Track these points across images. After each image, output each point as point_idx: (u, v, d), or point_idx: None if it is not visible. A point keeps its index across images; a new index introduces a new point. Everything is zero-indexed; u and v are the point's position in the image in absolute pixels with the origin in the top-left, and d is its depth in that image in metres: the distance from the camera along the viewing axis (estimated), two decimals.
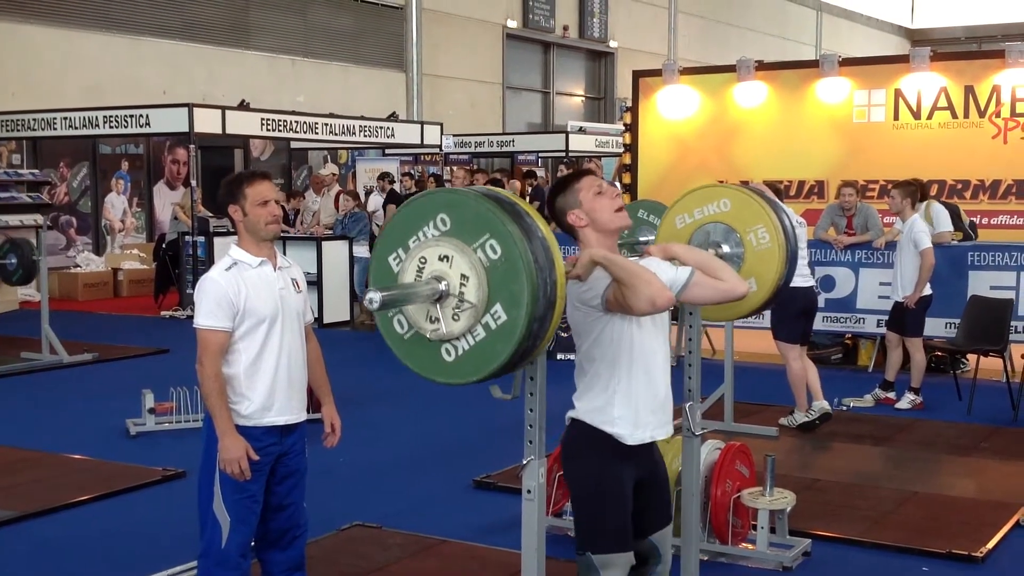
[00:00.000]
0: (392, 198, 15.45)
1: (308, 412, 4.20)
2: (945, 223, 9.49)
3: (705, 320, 4.89)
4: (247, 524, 3.97)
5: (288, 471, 4.07)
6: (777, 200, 4.18)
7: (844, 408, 8.53)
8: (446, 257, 2.59)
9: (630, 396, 3.22)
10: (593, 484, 3.35)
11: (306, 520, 4.22)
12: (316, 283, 12.74)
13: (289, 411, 4.00)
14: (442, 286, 2.60)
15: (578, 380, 3.42)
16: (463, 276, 2.58)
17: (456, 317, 2.60)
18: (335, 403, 4.26)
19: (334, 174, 19.08)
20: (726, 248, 4.06)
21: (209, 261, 14.19)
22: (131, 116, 14.89)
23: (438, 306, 2.61)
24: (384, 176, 18.38)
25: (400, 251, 2.70)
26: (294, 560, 4.18)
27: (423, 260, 2.63)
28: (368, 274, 2.90)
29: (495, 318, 2.56)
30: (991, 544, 5.41)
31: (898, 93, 10.99)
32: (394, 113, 19.73)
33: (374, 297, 2.52)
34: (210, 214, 15.20)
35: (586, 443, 3.36)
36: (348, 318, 13.41)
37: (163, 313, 14.37)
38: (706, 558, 5.05)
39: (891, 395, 8.69)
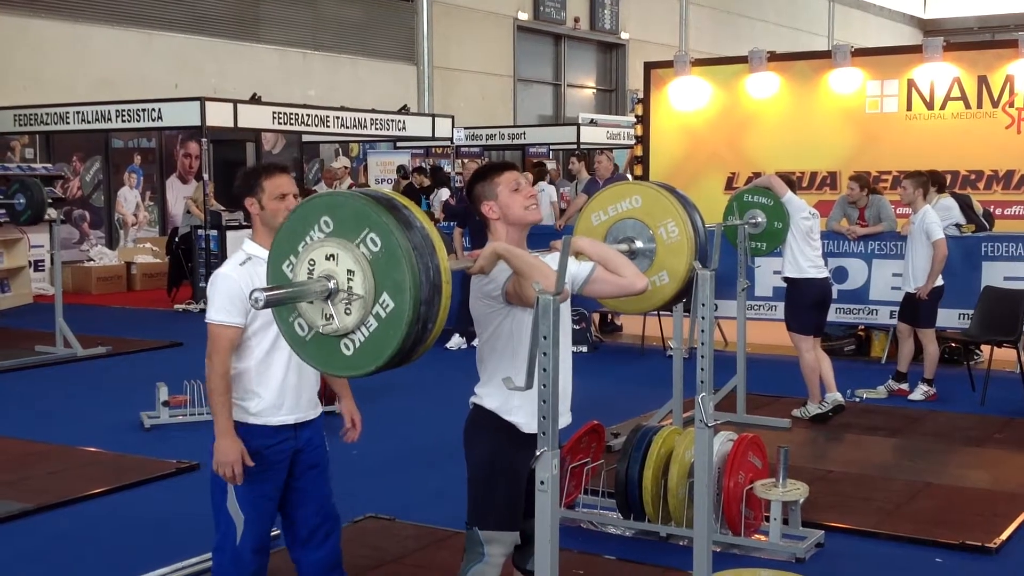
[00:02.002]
0: (408, 192, 15.48)
1: (322, 404, 4.15)
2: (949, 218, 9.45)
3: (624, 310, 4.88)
4: (261, 523, 3.91)
5: (309, 464, 3.99)
6: (688, 199, 4.20)
7: (857, 399, 8.52)
8: (332, 256, 2.72)
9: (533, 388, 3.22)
10: (487, 466, 3.53)
11: (337, 515, 4.13)
12: None
13: (299, 409, 3.92)
14: (331, 284, 2.71)
15: (480, 369, 3.57)
16: (349, 271, 2.70)
17: (348, 311, 2.71)
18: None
19: (346, 167, 19.12)
20: (639, 243, 4.09)
21: (222, 255, 14.20)
22: (143, 110, 14.91)
23: (330, 303, 2.72)
24: (400, 169, 18.40)
25: (292, 257, 2.82)
26: (330, 559, 4.08)
27: (312, 262, 2.75)
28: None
29: (384, 307, 2.68)
30: (1005, 535, 5.40)
31: (911, 83, 10.95)
32: (405, 106, 19.74)
33: (259, 296, 2.61)
34: (222, 208, 15.22)
35: (484, 427, 3.53)
36: None
37: (176, 307, 14.41)
38: (719, 549, 5.04)
39: (904, 386, 8.67)
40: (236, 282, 3.75)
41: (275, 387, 3.85)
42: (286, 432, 3.89)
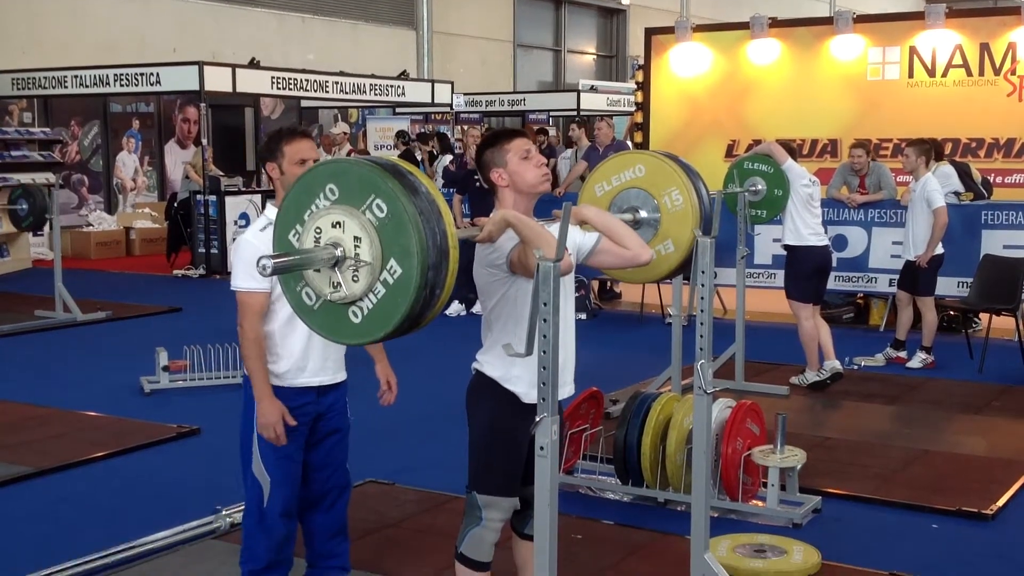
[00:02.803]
0: (407, 158, 15.41)
1: None
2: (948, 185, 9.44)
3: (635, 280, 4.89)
4: (287, 485, 3.93)
5: (329, 430, 4.02)
6: (692, 167, 4.20)
7: (855, 367, 8.54)
8: (338, 223, 2.71)
9: (530, 357, 3.21)
10: (487, 432, 3.54)
11: (348, 483, 4.18)
12: None
13: (323, 372, 3.94)
14: (338, 251, 2.70)
15: (484, 336, 3.57)
16: (356, 238, 2.69)
17: (356, 278, 2.70)
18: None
19: (345, 133, 19.03)
20: (644, 213, 4.09)
21: (220, 220, 14.20)
22: (142, 74, 14.86)
23: (337, 270, 2.71)
24: (402, 135, 18.33)
25: (298, 227, 2.80)
26: (336, 524, 4.14)
27: (318, 230, 2.74)
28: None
29: (391, 273, 2.68)
30: (1001, 502, 5.43)
31: (913, 50, 10.90)
32: (405, 71, 19.65)
33: (266, 264, 2.61)
34: (221, 173, 15.19)
35: (486, 393, 3.54)
36: None
37: (175, 272, 14.41)
38: (716, 514, 5.08)
39: (902, 354, 8.69)
40: (258, 248, 3.68)
41: (298, 350, 3.86)
42: (309, 395, 3.91)
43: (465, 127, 19.69)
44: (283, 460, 3.90)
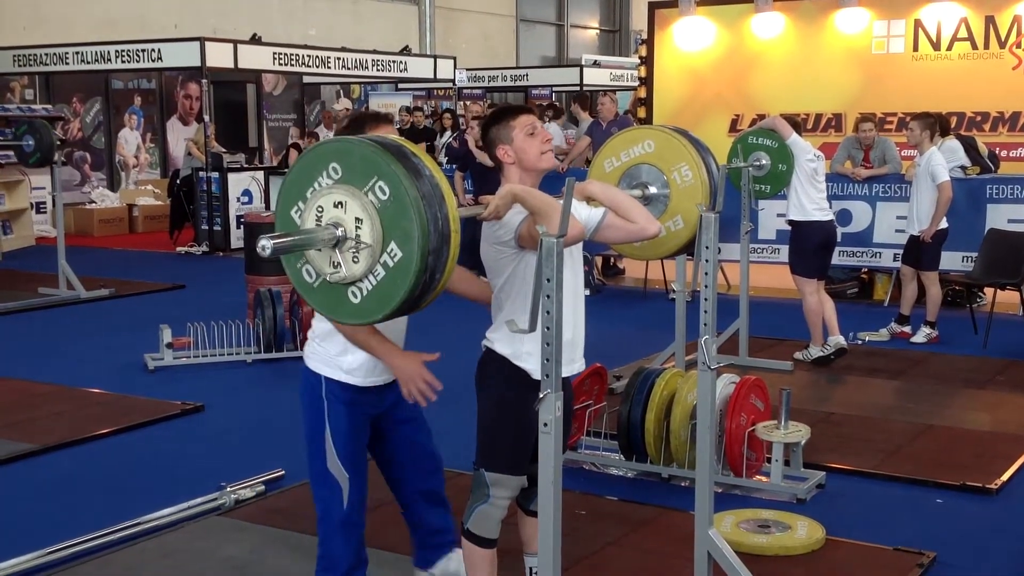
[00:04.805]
0: (409, 133, 15.36)
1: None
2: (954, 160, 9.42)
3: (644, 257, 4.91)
4: (363, 478, 3.78)
5: (403, 418, 3.86)
6: (702, 142, 4.17)
7: (859, 342, 8.53)
8: (340, 203, 2.69)
9: (539, 333, 3.18)
10: (497, 409, 3.53)
11: (440, 455, 4.06)
12: None
13: (388, 372, 3.69)
14: (339, 231, 2.69)
15: (494, 314, 3.56)
16: (357, 219, 2.68)
17: (356, 259, 2.70)
18: None
19: (347, 109, 18.97)
20: (653, 189, 4.08)
21: (223, 197, 14.18)
22: (143, 51, 14.81)
23: (337, 251, 2.70)
24: (410, 110, 18.25)
25: (300, 204, 2.79)
26: (434, 490, 4.05)
27: (320, 209, 2.72)
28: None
29: (392, 256, 2.67)
30: (1005, 476, 5.44)
31: (918, 23, 10.85)
32: (407, 47, 19.56)
33: (265, 244, 2.58)
34: (224, 150, 15.15)
35: (496, 370, 3.52)
36: None
37: (178, 249, 14.40)
38: (720, 490, 5.09)
39: (907, 329, 8.68)
40: None
41: None
42: (372, 394, 3.73)
43: (467, 103, 19.63)
44: (358, 452, 3.74)
